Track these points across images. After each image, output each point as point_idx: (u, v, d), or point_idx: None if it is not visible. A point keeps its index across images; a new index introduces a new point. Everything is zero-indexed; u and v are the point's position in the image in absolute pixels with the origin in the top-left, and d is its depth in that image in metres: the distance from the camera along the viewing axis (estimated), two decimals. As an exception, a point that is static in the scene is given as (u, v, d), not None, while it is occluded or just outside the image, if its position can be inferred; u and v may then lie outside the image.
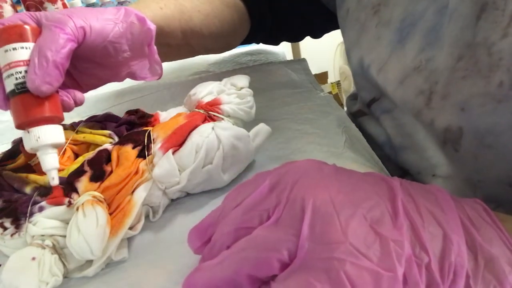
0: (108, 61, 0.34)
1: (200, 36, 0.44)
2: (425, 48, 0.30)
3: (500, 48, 0.25)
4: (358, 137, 0.39)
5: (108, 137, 0.34)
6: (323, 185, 0.19)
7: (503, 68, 0.25)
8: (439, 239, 0.18)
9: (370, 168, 0.34)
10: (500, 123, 0.26)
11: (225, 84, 0.38)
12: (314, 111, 0.43)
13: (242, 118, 0.36)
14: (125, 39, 0.34)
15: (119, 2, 1.02)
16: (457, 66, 0.28)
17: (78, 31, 0.30)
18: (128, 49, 0.34)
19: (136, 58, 0.36)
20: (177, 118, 0.35)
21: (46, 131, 0.28)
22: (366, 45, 0.37)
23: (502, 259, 0.18)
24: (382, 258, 0.17)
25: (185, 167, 0.31)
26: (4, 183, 0.31)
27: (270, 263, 0.18)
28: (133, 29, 0.34)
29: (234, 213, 0.21)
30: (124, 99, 0.53)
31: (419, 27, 0.31)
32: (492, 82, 0.26)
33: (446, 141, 0.30)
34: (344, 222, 0.18)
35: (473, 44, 0.27)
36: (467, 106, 0.27)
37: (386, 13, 0.34)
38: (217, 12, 0.45)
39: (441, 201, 0.20)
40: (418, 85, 0.31)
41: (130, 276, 0.27)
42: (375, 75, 0.35)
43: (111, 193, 0.29)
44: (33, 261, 0.25)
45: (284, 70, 0.54)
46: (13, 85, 0.28)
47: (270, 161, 0.36)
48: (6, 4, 0.63)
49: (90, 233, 0.25)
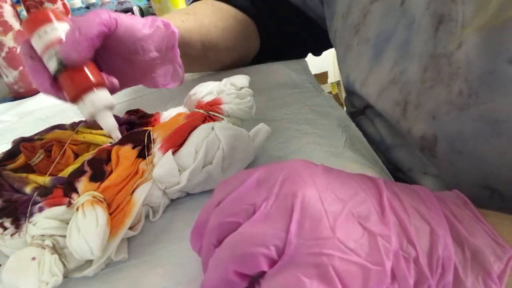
0: (136, 58, 0.37)
1: (217, 49, 0.49)
2: (398, 61, 0.32)
3: (458, 58, 0.27)
4: (358, 137, 0.39)
5: (108, 137, 0.34)
6: (311, 182, 0.19)
7: (461, 77, 0.26)
8: (426, 234, 0.19)
9: (371, 168, 0.34)
10: (464, 130, 0.27)
11: (225, 84, 0.38)
12: (314, 111, 0.43)
13: (242, 118, 0.36)
14: (151, 41, 0.37)
15: (119, 2, 1.02)
16: (424, 76, 0.29)
17: (111, 20, 0.33)
18: (154, 50, 0.38)
19: (161, 61, 0.39)
20: (177, 118, 0.35)
21: (98, 96, 0.31)
22: (350, 63, 0.40)
23: (487, 249, 0.19)
24: (370, 252, 0.17)
25: (185, 167, 0.31)
26: (4, 183, 0.31)
27: (257, 259, 0.18)
28: (159, 33, 0.37)
29: (218, 209, 0.20)
30: (124, 99, 0.53)
31: (392, 43, 0.33)
32: (453, 90, 0.27)
33: (424, 148, 0.31)
34: (332, 218, 0.18)
35: (435, 55, 0.28)
36: (437, 115, 0.29)
37: (364, 32, 0.37)
38: (231, 28, 0.50)
39: (425, 199, 0.21)
40: (394, 97, 0.33)
41: (130, 276, 0.26)
42: (359, 90, 0.38)
43: (111, 193, 0.29)
44: (33, 261, 0.25)
45: (284, 70, 0.54)
46: (56, 64, 0.31)
47: (270, 161, 0.36)
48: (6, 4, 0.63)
49: (90, 233, 0.25)
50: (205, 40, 0.46)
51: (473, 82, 0.26)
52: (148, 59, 0.38)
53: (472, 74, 0.26)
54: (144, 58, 0.37)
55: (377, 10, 0.35)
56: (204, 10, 0.49)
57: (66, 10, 0.78)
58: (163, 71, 0.40)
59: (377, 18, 0.35)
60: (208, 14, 0.48)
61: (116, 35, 0.34)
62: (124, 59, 0.37)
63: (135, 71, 0.39)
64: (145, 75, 0.39)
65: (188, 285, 0.25)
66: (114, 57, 0.37)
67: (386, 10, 0.34)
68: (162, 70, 0.40)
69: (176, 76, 0.41)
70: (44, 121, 0.50)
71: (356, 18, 0.38)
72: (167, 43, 0.38)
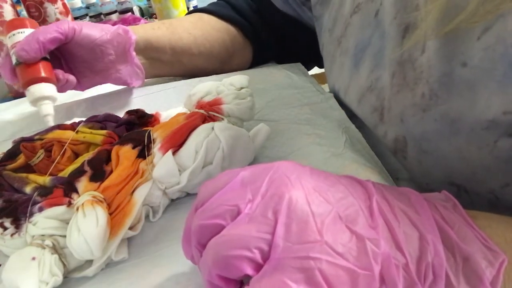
0: (97, 61, 0.44)
1: (190, 54, 0.52)
2: (373, 69, 0.34)
3: (421, 63, 0.28)
4: (358, 138, 0.39)
5: (108, 137, 0.34)
6: (298, 184, 0.19)
7: (423, 81, 0.28)
8: (415, 240, 0.18)
9: (371, 169, 0.34)
10: (428, 130, 0.28)
11: (225, 84, 0.38)
12: (314, 111, 0.43)
13: (242, 118, 0.36)
14: (111, 46, 0.44)
15: (119, 2, 1.02)
16: (392, 82, 0.31)
17: (69, 29, 0.41)
18: (113, 53, 0.45)
19: (120, 61, 0.46)
20: (177, 118, 0.35)
21: (41, 87, 0.39)
22: (335, 73, 0.43)
23: (478, 255, 0.19)
24: (358, 257, 0.17)
25: (185, 167, 0.31)
26: (4, 183, 0.31)
27: (239, 263, 0.17)
28: (119, 38, 0.44)
29: (201, 210, 0.20)
30: (124, 99, 0.52)
31: (368, 52, 0.35)
32: (417, 93, 0.29)
33: (397, 151, 0.33)
34: (319, 221, 0.17)
35: (401, 61, 0.30)
36: (404, 117, 0.30)
37: (345, 43, 0.39)
38: (207, 35, 0.53)
39: (415, 203, 0.20)
40: (372, 103, 0.35)
41: (130, 276, 0.27)
42: (343, 98, 0.41)
43: (111, 193, 0.29)
44: (33, 261, 0.25)
45: (284, 71, 0.54)
46: (15, 59, 0.40)
47: (270, 161, 0.35)
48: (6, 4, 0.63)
49: (90, 233, 0.25)
50: (176, 45, 0.51)
51: (434, 84, 0.27)
52: (107, 61, 0.45)
53: (433, 77, 0.27)
54: (103, 60, 0.44)
55: (356, 22, 0.37)
56: (182, 20, 0.54)
57: (66, 10, 0.78)
58: (127, 71, 0.47)
59: (356, 29, 0.37)
60: (184, 24, 0.53)
61: (76, 41, 0.42)
62: (86, 61, 0.44)
63: (97, 70, 0.45)
64: (107, 75, 0.46)
65: (188, 285, 0.25)
66: (77, 59, 0.44)
67: (363, 21, 0.36)
68: (126, 70, 0.46)
69: (137, 76, 0.48)
70: (44, 121, 0.50)
71: (339, 31, 0.41)
72: (124, 47, 0.45)
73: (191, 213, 0.21)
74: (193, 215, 0.20)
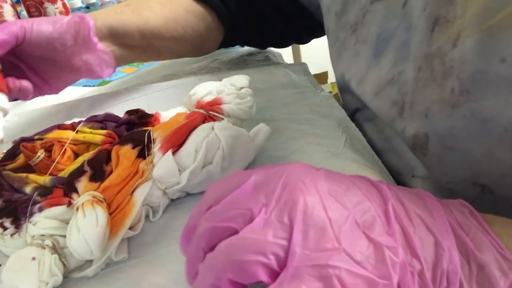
0: (59, 55, 0.41)
1: (162, 38, 0.49)
2: (397, 62, 0.33)
3: (451, 57, 0.27)
4: (358, 137, 0.39)
5: (108, 137, 0.34)
6: (314, 189, 0.18)
7: (454, 76, 0.27)
8: (430, 246, 0.18)
9: (371, 168, 0.34)
10: (456, 127, 0.28)
11: (225, 84, 0.38)
12: (314, 111, 0.43)
13: (242, 118, 0.36)
14: (69, 36, 0.41)
15: (119, 1, 1.02)
16: (418, 76, 0.30)
17: (19, 30, 0.38)
18: (74, 43, 0.41)
19: (84, 51, 0.42)
20: (177, 118, 0.35)
21: None
22: (346, 62, 0.40)
23: (493, 265, 0.18)
24: (376, 265, 0.17)
25: (185, 167, 0.31)
26: (4, 183, 0.31)
27: (254, 268, 0.17)
28: (76, 26, 0.41)
29: (211, 212, 0.19)
30: (124, 99, 0.52)
31: (392, 43, 0.33)
32: (446, 89, 0.28)
33: (415, 147, 0.32)
34: (337, 228, 0.17)
35: (429, 55, 0.29)
36: (429, 113, 0.29)
37: (363, 32, 0.37)
38: (179, 18, 0.50)
39: (430, 206, 0.20)
40: (392, 97, 0.33)
41: (130, 276, 0.27)
42: (355, 88, 0.38)
43: (111, 193, 0.29)
44: (33, 261, 0.25)
45: (284, 71, 0.54)
46: None
47: (270, 161, 0.36)
48: (6, 4, 0.64)
49: (90, 233, 0.25)
50: (144, 29, 0.47)
51: (465, 80, 0.26)
52: (70, 53, 0.41)
53: (465, 72, 0.26)
54: (66, 53, 0.41)
55: (379, 11, 0.35)
56: (149, 2, 0.50)
57: (66, 10, 0.78)
58: (96, 61, 0.43)
59: (378, 18, 0.35)
60: (152, 5, 0.49)
61: (30, 40, 0.38)
62: (47, 58, 0.41)
63: (62, 66, 0.42)
64: (75, 68, 0.43)
65: (188, 285, 0.25)
66: (37, 58, 0.41)
67: (388, 11, 0.34)
68: (94, 60, 0.43)
69: (106, 63, 0.44)
70: (44, 121, 0.50)
71: (353, 17, 0.38)
72: (84, 34, 0.41)
73: (198, 211, 0.20)
74: (200, 213, 0.20)
